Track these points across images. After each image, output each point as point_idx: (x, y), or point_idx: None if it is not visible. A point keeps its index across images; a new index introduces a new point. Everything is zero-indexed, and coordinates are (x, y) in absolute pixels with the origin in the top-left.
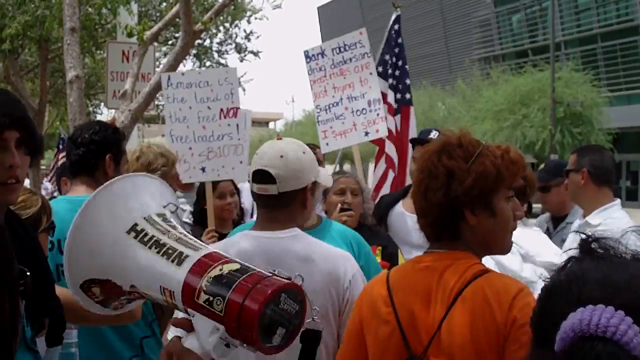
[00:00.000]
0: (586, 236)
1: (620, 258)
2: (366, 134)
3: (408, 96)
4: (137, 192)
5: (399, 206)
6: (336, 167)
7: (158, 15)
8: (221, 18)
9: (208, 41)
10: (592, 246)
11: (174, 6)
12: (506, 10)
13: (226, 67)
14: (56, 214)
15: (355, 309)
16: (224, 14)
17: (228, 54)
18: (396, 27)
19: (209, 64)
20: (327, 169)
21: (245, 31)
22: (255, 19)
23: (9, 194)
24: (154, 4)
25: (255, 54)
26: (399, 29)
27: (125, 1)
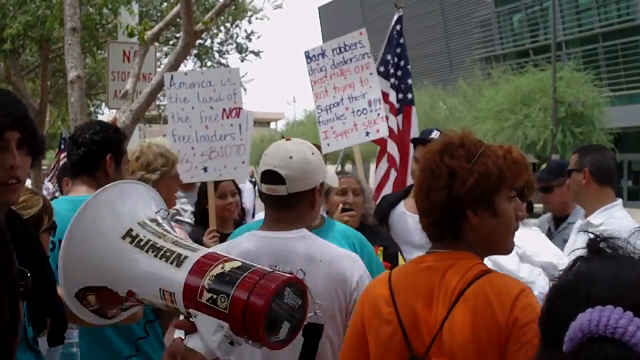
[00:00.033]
0: (594, 236)
1: (629, 258)
2: (367, 134)
3: (410, 96)
4: (129, 198)
5: (400, 206)
6: (338, 167)
7: (159, 15)
8: (222, 18)
9: (209, 41)
10: (601, 246)
11: (174, 6)
12: (507, 10)
13: (229, 67)
14: (57, 214)
15: (357, 309)
16: (224, 14)
17: (229, 54)
18: (398, 27)
19: (210, 64)
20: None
21: (246, 31)
22: (256, 19)
23: (10, 195)
24: (154, 4)
25: (256, 54)
26: (401, 29)
27: (126, 1)
